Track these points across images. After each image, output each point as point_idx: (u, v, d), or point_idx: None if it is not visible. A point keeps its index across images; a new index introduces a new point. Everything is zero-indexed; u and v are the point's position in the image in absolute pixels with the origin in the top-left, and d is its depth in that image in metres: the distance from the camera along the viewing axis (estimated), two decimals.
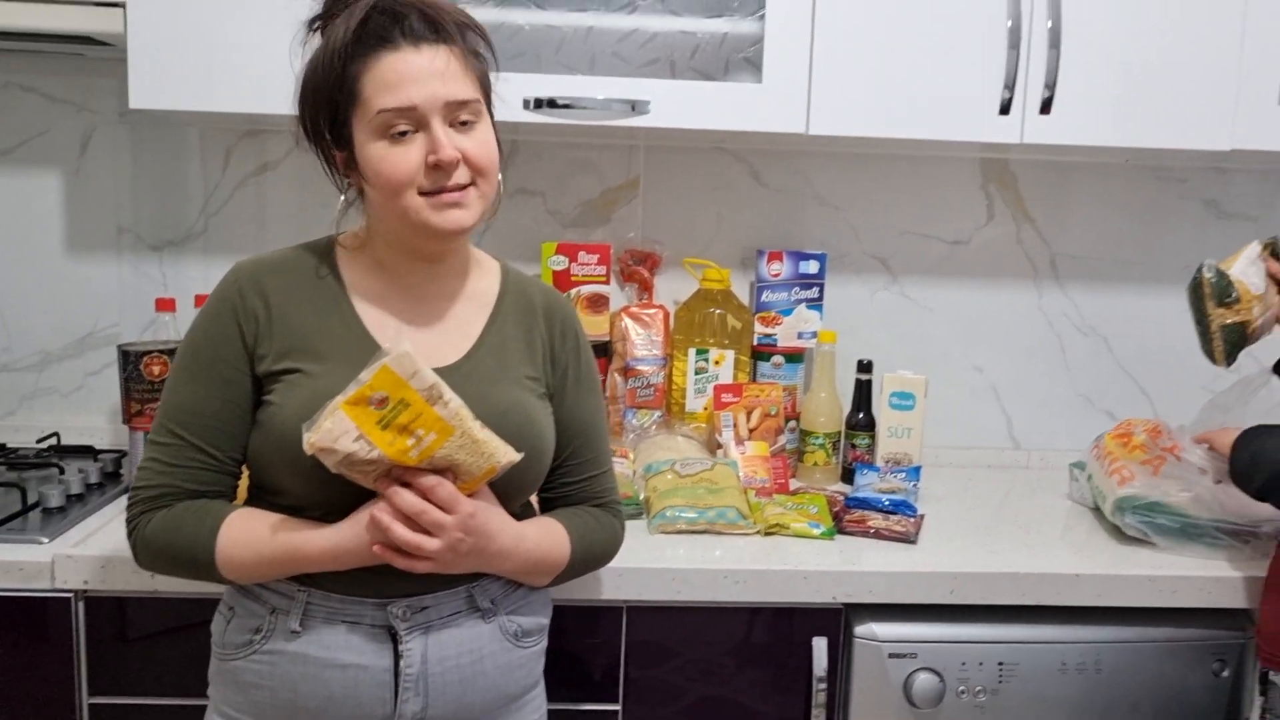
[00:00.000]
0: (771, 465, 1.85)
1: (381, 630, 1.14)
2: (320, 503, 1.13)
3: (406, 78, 1.08)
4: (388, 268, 1.22)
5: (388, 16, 1.09)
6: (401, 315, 1.20)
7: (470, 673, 1.18)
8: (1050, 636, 1.56)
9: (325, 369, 1.13)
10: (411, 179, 1.11)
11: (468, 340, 1.22)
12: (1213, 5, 1.74)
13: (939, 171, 2.11)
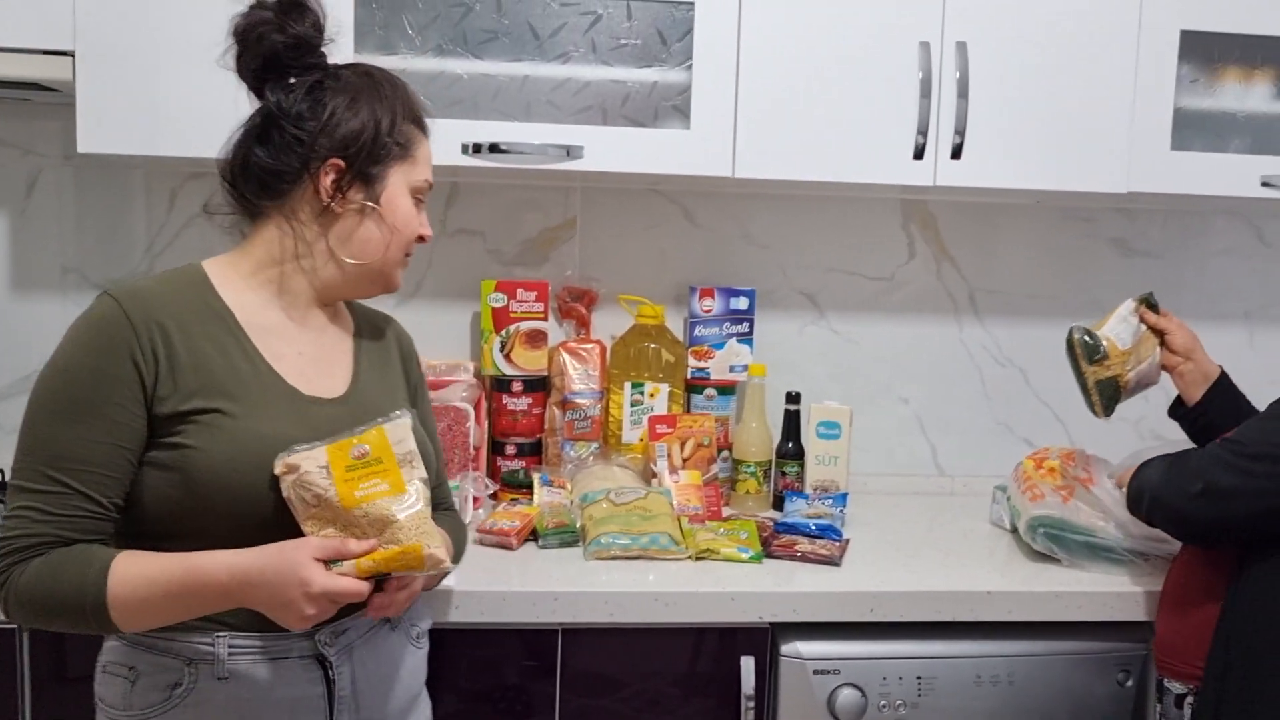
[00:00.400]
0: (704, 493, 1.93)
1: (310, 659, 1.19)
2: (219, 546, 1.12)
3: (431, 162, 1.32)
4: (291, 296, 1.25)
5: (421, 108, 1.32)
6: (294, 347, 1.23)
7: (390, 682, 1.25)
8: (966, 651, 1.64)
9: (243, 409, 1.14)
10: (415, 236, 1.29)
11: (346, 370, 1.28)
12: (1108, 60, 1.87)
13: (863, 212, 2.22)
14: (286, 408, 1.18)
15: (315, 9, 1.24)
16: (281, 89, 1.22)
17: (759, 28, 1.80)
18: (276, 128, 1.22)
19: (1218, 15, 1.89)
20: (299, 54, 1.22)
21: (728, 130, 1.81)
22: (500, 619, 1.55)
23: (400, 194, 1.26)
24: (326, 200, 1.22)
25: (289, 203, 1.24)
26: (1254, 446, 1.39)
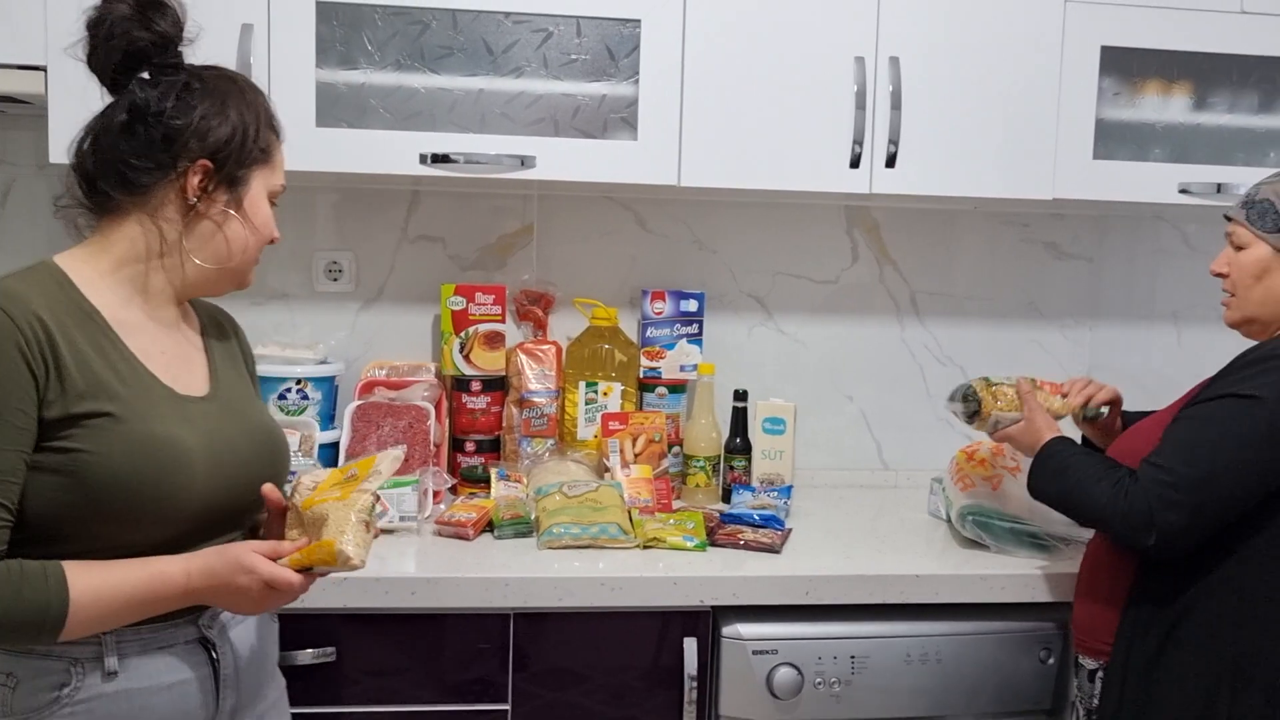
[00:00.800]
0: (655, 486, 2.02)
1: (194, 643, 1.22)
2: (121, 547, 1.15)
3: (284, 167, 1.34)
4: (149, 298, 1.24)
5: (275, 113, 1.33)
6: (158, 346, 1.24)
7: (260, 655, 1.32)
8: (897, 632, 1.74)
9: (130, 411, 1.15)
10: (269, 238, 1.32)
11: (203, 368, 1.30)
12: (1034, 74, 1.98)
13: (808, 218, 2.33)
14: (168, 408, 1.19)
15: (174, 6, 1.24)
16: (150, 86, 1.21)
17: (702, 44, 1.90)
18: (143, 124, 1.21)
19: (1137, 32, 2.01)
20: (159, 52, 1.22)
21: (673, 141, 1.91)
22: (455, 604, 1.63)
23: (260, 197, 1.29)
24: (192, 200, 1.23)
25: (151, 200, 1.22)
26: (1188, 477, 1.39)
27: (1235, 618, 1.41)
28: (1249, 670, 1.40)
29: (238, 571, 1.15)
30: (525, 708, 1.68)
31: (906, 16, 1.94)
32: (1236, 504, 1.39)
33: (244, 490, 1.25)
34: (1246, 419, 1.38)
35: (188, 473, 1.17)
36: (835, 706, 1.72)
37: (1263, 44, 2.03)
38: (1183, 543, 1.41)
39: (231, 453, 1.24)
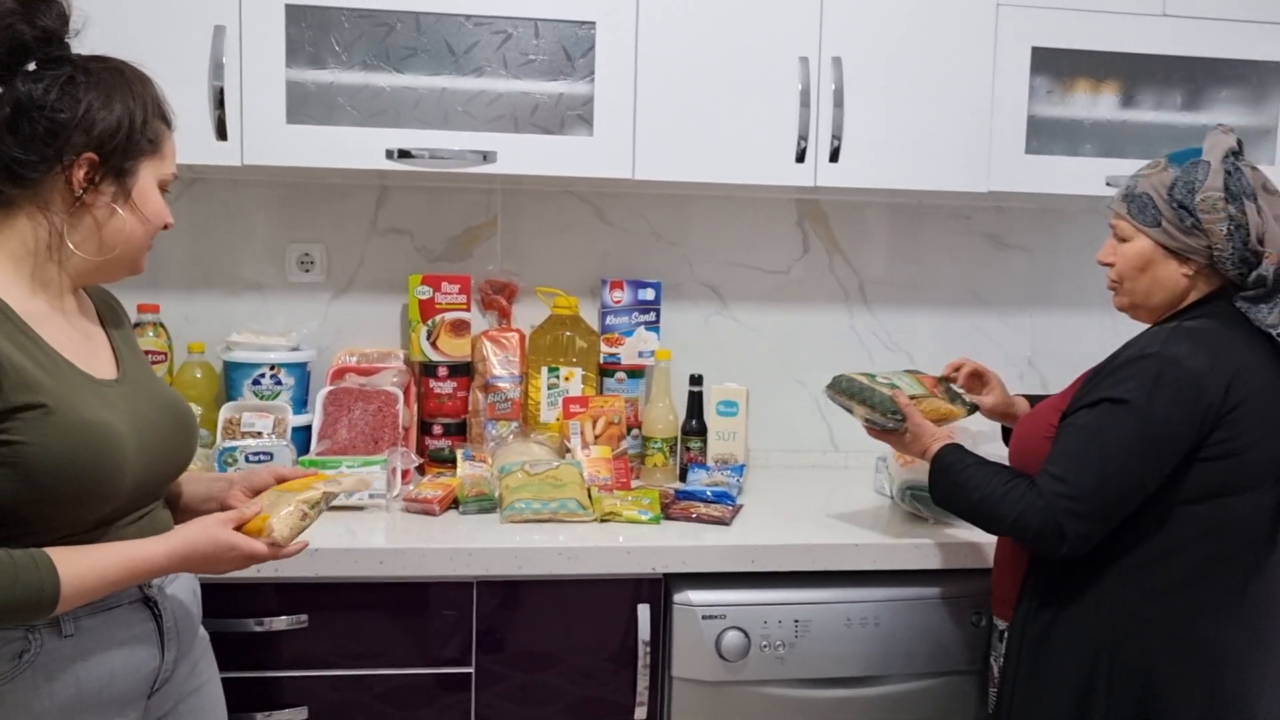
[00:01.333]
0: (614, 466, 2.12)
1: (137, 602, 1.31)
2: (65, 527, 1.21)
3: (175, 156, 1.37)
4: (49, 287, 1.27)
5: (166, 104, 1.35)
6: (65, 334, 1.28)
7: (192, 608, 1.43)
8: (838, 598, 1.85)
9: (59, 400, 1.19)
10: (162, 225, 1.35)
11: (108, 352, 1.35)
12: (968, 73, 2.10)
13: (760, 211, 2.44)
14: (91, 394, 1.24)
15: (60, 0, 1.26)
16: (34, 80, 1.22)
17: (655, 44, 2.00)
18: (27, 119, 1.22)
19: (1066, 33, 2.13)
20: (45, 45, 1.24)
21: (628, 137, 2.01)
22: (421, 573, 1.73)
23: (149, 187, 1.31)
24: (79, 192, 1.24)
25: (40, 193, 1.24)
26: (1085, 489, 1.44)
27: (1113, 586, 1.48)
28: (1124, 639, 1.47)
29: (222, 549, 1.28)
30: (488, 670, 1.78)
31: (848, 19, 2.05)
32: (1136, 499, 1.44)
33: (166, 463, 1.35)
34: (1121, 426, 1.42)
35: (120, 454, 1.23)
36: (780, 667, 1.83)
37: (1185, 45, 2.16)
38: (1093, 544, 1.47)
39: (152, 430, 1.30)
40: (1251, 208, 1.44)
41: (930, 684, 1.88)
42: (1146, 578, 1.46)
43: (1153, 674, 1.45)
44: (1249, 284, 1.48)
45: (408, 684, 1.77)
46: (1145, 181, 1.54)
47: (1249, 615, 1.46)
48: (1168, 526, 1.45)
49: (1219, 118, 2.26)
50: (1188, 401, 1.41)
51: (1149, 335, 1.51)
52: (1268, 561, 1.47)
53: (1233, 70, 2.23)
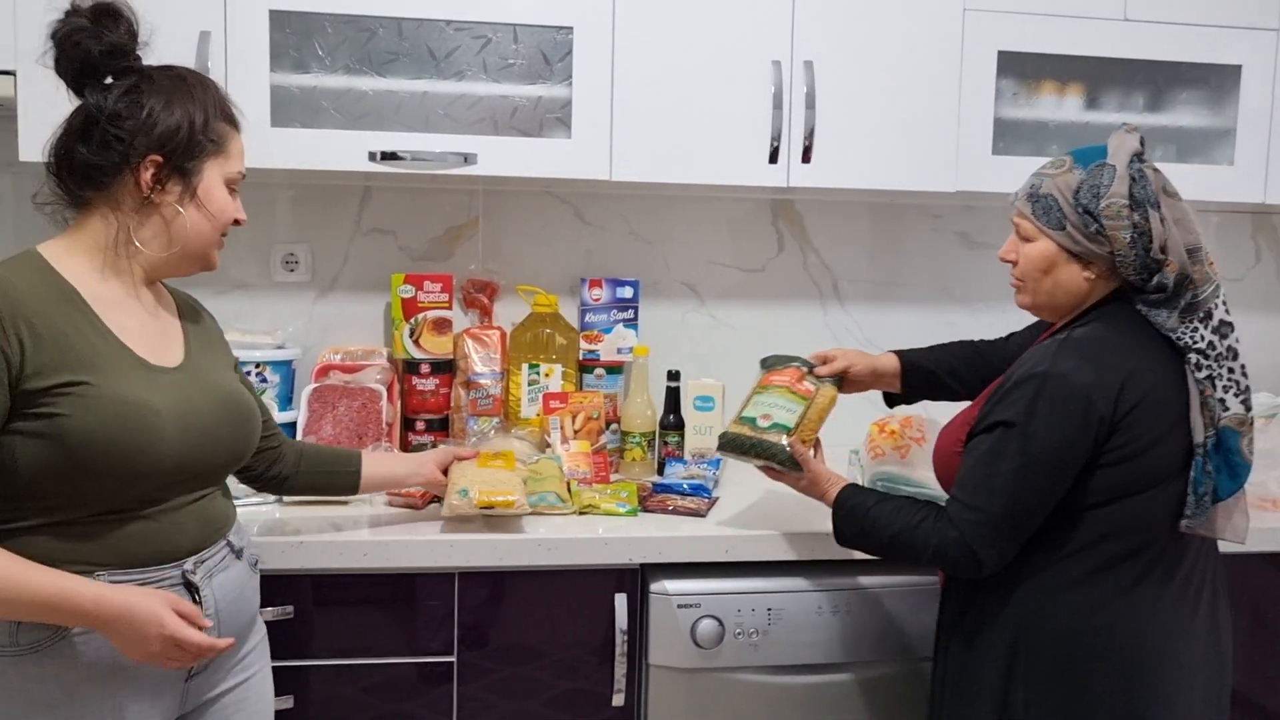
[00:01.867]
0: (593, 460, 2.18)
1: (179, 586, 1.36)
2: (103, 503, 1.30)
3: (243, 155, 1.46)
4: (122, 278, 1.37)
5: (232, 105, 1.46)
6: (134, 320, 1.37)
7: (240, 601, 1.47)
8: (809, 586, 1.90)
9: (104, 379, 1.28)
10: (230, 221, 1.45)
11: (178, 344, 1.44)
12: (936, 76, 2.16)
13: (736, 210, 2.49)
14: (139, 376, 1.32)
15: (128, 16, 1.36)
16: (101, 91, 1.33)
17: (631, 48, 2.06)
18: (97, 127, 1.32)
19: (1031, 38, 2.19)
20: (114, 59, 1.34)
21: (605, 139, 2.06)
22: (404, 565, 1.78)
23: (215, 185, 1.40)
24: (147, 192, 1.34)
25: (112, 194, 1.35)
26: (993, 514, 1.46)
27: (1026, 592, 1.51)
28: (1038, 641, 1.50)
29: (150, 623, 1.26)
30: (470, 659, 1.83)
31: (819, 23, 2.11)
32: (1043, 513, 1.47)
33: (213, 451, 1.40)
34: (1011, 449, 1.45)
35: (155, 432, 1.30)
36: (754, 654, 1.88)
37: (1146, 49, 2.22)
38: (1009, 560, 1.50)
39: (198, 416, 1.37)
40: (1155, 216, 1.45)
41: (898, 670, 1.94)
42: (1055, 581, 1.49)
43: (1068, 673, 1.48)
44: (1149, 289, 1.49)
45: (392, 674, 1.82)
46: (1050, 182, 1.53)
47: (1162, 606, 1.48)
48: (1074, 530, 1.48)
49: (1180, 119, 2.33)
50: (1076, 416, 1.42)
51: (1040, 351, 1.51)
52: (1174, 551, 1.49)
53: (1193, 73, 2.30)
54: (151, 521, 1.34)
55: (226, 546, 1.46)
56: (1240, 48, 2.25)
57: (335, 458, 1.77)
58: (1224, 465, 1.46)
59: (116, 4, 1.35)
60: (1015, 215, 1.59)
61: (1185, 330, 1.47)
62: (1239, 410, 1.46)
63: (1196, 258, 1.48)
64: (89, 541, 1.30)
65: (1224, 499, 1.47)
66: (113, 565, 1.31)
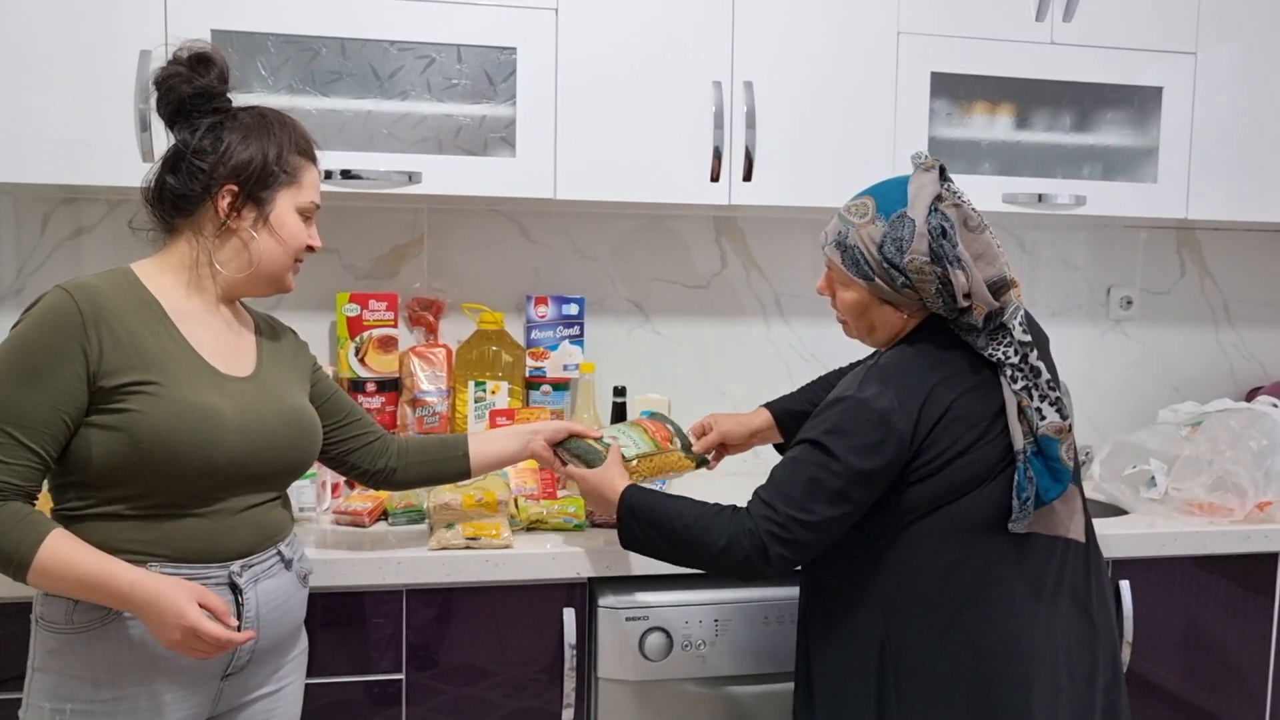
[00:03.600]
0: (540, 476, 2.19)
1: (224, 585, 1.45)
2: (166, 494, 1.40)
3: (318, 186, 1.60)
4: (202, 295, 1.51)
5: (309, 141, 1.59)
6: (210, 332, 1.50)
7: (283, 610, 1.53)
8: (755, 597, 1.93)
9: (174, 381, 1.40)
10: (303, 247, 1.57)
11: (251, 357, 1.56)
12: (872, 96, 2.21)
13: (680, 228, 2.53)
14: (207, 381, 1.44)
15: (220, 63, 1.51)
16: (190, 130, 1.49)
17: (574, 69, 2.09)
18: (184, 161, 1.48)
19: (962, 60, 2.26)
20: (204, 100, 1.50)
21: (549, 157, 2.09)
22: (351, 583, 1.78)
23: (288, 213, 1.53)
24: (223, 219, 1.49)
25: (195, 220, 1.50)
26: (790, 518, 1.51)
27: (879, 618, 1.54)
28: (901, 662, 1.53)
29: (171, 611, 1.34)
30: (418, 676, 1.83)
31: (758, 44, 2.16)
32: (840, 528, 1.52)
33: (272, 457, 1.50)
34: (813, 463, 1.50)
35: (217, 433, 1.41)
36: (701, 665, 1.91)
37: (1072, 71, 2.30)
38: (791, 567, 1.56)
39: (260, 423, 1.47)
40: (957, 273, 1.48)
41: None
42: (903, 600, 1.52)
43: (929, 688, 1.51)
44: (960, 322, 1.53)
45: (341, 694, 1.81)
46: (855, 234, 1.56)
47: (1013, 605, 1.51)
48: (906, 547, 1.52)
49: (1105, 139, 2.41)
50: (875, 436, 1.47)
51: (850, 378, 1.58)
52: (1015, 553, 1.52)
53: (1117, 94, 2.39)
54: (206, 520, 1.44)
55: (277, 555, 1.53)
56: (1160, 69, 2.34)
57: (441, 446, 1.81)
58: (1045, 470, 1.50)
59: (210, 53, 1.51)
60: (825, 259, 1.63)
61: (995, 348, 1.52)
62: (1055, 419, 1.50)
63: (1002, 291, 1.53)
64: (146, 532, 1.41)
65: (1049, 501, 1.51)
66: (165, 557, 1.41)
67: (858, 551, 1.56)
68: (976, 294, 1.50)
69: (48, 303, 1.39)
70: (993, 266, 1.53)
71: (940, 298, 1.51)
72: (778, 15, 2.16)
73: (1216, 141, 2.39)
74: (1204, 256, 2.83)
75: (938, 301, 1.52)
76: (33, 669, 1.43)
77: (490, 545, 1.84)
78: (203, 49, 1.51)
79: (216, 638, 1.34)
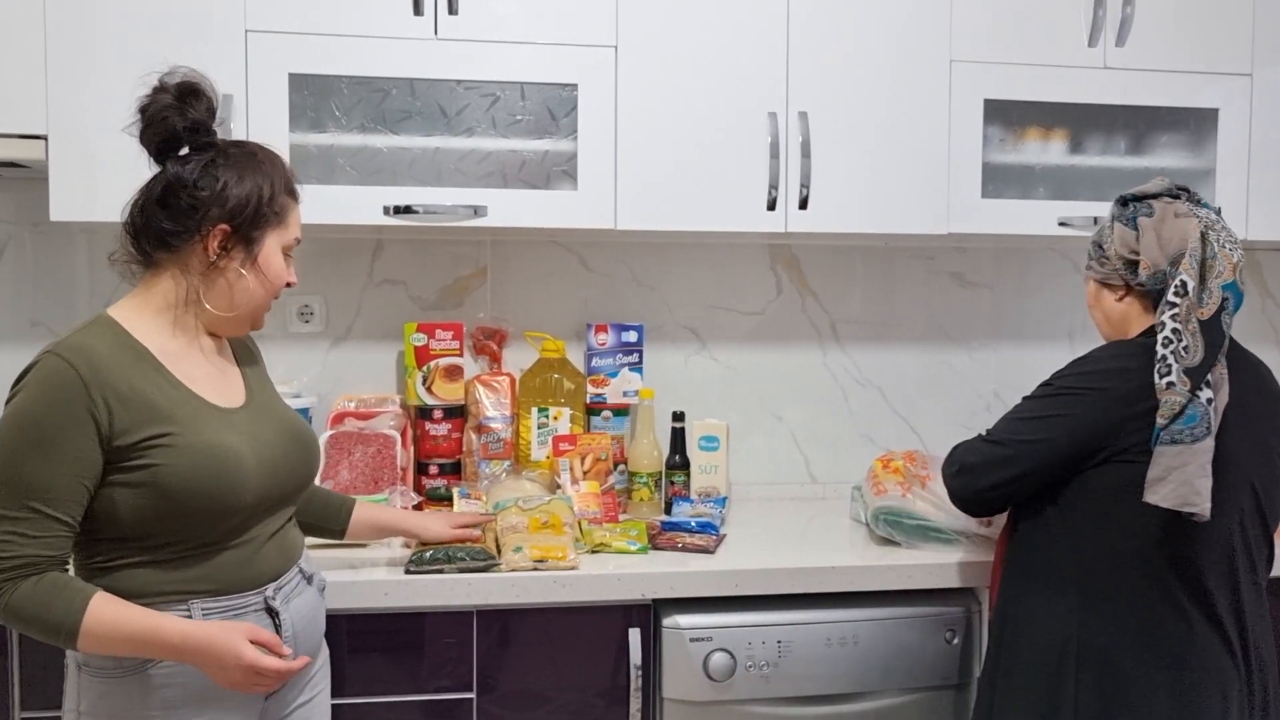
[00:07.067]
0: (602, 500, 2.23)
1: (262, 611, 1.48)
2: (195, 538, 1.41)
3: (299, 224, 1.58)
4: (187, 333, 1.49)
5: (294, 178, 1.57)
6: (200, 369, 1.49)
7: (313, 624, 1.59)
8: (818, 618, 1.96)
9: (187, 428, 1.40)
10: (283, 286, 1.55)
11: (239, 383, 1.55)
12: (926, 124, 2.24)
13: (735, 256, 2.58)
14: (215, 419, 1.44)
15: (210, 95, 1.49)
16: (180, 162, 1.45)
17: (633, 103, 2.15)
18: (175, 195, 1.44)
19: (1015, 86, 2.28)
20: (195, 134, 1.46)
21: (609, 190, 2.15)
22: (424, 604, 1.83)
23: (274, 253, 1.51)
24: (213, 258, 1.46)
25: (181, 257, 1.46)
26: (995, 435, 1.74)
27: (1076, 582, 1.64)
28: (1091, 625, 1.62)
29: (230, 657, 1.36)
30: (488, 695, 1.88)
31: (812, 75, 2.20)
32: (1028, 462, 1.67)
33: (286, 477, 1.52)
34: (1041, 400, 1.69)
35: (240, 470, 1.42)
36: (765, 686, 1.93)
37: (1126, 95, 2.32)
38: (973, 479, 1.73)
39: (270, 448, 1.49)
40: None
41: (907, 699, 1.98)
42: (1100, 578, 1.61)
43: (1117, 662, 1.59)
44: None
45: (413, 710, 1.86)
46: (1103, 231, 1.80)
47: (1190, 602, 1.60)
48: (1112, 528, 1.61)
49: (1161, 161, 2.42)
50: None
51: (1103, 345, 1.75)
52: (1195, 557, 1.60)
53: (1172, 116, 2.40)
54: (239, 551, 1.46)
55: (299, 573, 1.58)
56: (1216, 92, 2.35)
57: (327, 504, 1.82)
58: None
59: (200, 84, 1.48)
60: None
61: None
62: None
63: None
64: (184, 571, 1.42)
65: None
66: (205, 593, 1.43)
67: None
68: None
69: (46, 372, 1.35)
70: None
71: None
72: (831, 46, 2.21)
73: (1275, 162, 2.38)
74: (1265, 277, 2.81)
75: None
76: (78, 713, 1.42)
77: (557, 567, 1.88)
78: (191, 79, 1.47)
79: (277, 670, 1.38)
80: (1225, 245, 1.64)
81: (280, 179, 1.52)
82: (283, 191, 1.52)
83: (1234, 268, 1.63)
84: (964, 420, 2.66)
